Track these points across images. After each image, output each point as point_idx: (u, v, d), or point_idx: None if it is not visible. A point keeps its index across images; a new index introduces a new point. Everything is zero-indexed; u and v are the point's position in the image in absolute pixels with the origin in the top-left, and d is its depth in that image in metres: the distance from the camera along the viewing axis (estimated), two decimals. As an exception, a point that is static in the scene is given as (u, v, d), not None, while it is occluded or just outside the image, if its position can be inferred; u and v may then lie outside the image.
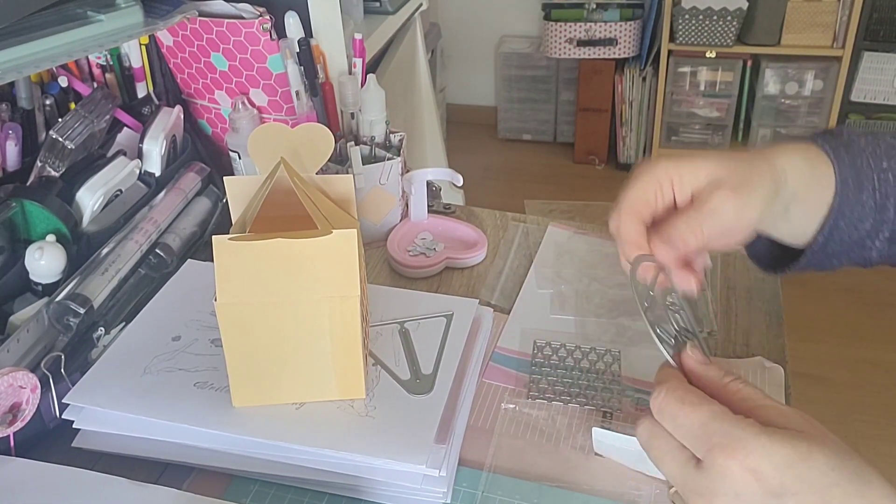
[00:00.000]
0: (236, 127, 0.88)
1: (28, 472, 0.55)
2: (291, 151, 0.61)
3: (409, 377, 0.62)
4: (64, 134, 0.72)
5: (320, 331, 0.56)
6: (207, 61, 0.90)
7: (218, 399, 0.59)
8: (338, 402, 0.59)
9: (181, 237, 0.79)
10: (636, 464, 0.57)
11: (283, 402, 0.59)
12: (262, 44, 0.86)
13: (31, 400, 0.56)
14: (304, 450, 0.56)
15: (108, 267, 0.70)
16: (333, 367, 0.58)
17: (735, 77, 2.81)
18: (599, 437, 0.57)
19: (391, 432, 0.56)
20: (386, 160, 0.83)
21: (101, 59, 0.84)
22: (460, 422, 0.60)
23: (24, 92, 0.74)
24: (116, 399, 0.59)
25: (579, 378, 0.66)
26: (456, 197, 1.75)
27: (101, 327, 0.67)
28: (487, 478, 0.57)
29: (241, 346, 0.56)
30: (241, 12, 0.86)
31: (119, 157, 0.77)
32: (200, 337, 0.65)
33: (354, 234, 0.54)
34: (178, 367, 0.62)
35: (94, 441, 0.59)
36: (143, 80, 0.88)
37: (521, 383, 0.66)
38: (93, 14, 0.74)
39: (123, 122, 0.82)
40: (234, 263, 0.53)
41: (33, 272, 0.66)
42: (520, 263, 0.83)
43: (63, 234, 0.68)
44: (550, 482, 0.57)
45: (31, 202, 0.67)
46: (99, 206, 0.73)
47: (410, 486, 0.55)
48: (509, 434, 0.61)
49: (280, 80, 0.88)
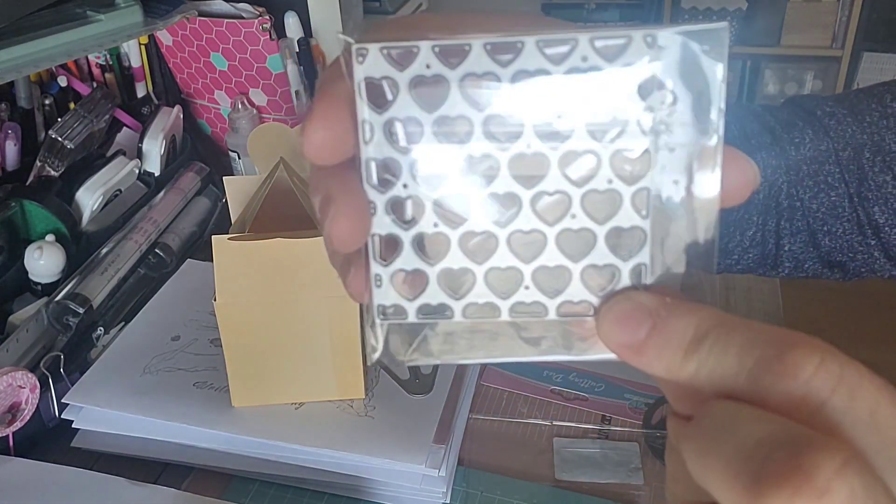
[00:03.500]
0: (236, 127, 0.88)
1: (27, 471, 0.55)
2: (291, 151, 0.61)
3: (409, 377, 0.62)
4: (63, 134, 0.72)
5: (320, 331, 0.56)
6: (207, 61, 0.90)
7: (217, 399, 0.59)
8: (337, 402, 0.59)
9: (180, 237, 0.79)
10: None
11: (282, 401, 0.59)
12: (262, 43, 0.86)
13: (30, 399, 0.56)
14: (303, 449, 0.56)
15: (107, 267, 0.70)
16: (333, 367, 0.58)
17: (734, 77, 2.81)
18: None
19: (390, 432, 0.56)
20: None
21: (101, 58, 0.84)
22: (460, 422, 0.60)
23: (23, 91, 0.74)
24: (116, 399, 0.59)
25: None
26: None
27: (100, 327, 0.67)
28: (487, 478, 0.57)
29: (240, 346, 0.56)
30: (240, 12, 0.86)
31: (118, 157, 0.77)
32: (200, 337, 0.65)
33: (354, 234, 0.54)
34: (178, 367, 0.62)
35: (94, 441, 0.59)
36: (142, 80, 0.88)
37: (521, 385, 0.66)
38: (92, 14, 0.74)
39: (123, 121, 0.82)
40: (234, 263, 0.53)
41: (33, 272, 0.66)
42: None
43: (62, 233, 0.68)
44: (550, 482, 0.57)
45: (30, 202, 0.67)
46: (98, 205, 0.73)
47: (410, 486, 0.55)
48: (509, 433, 0.61)
49: (280, 80, 0.88)
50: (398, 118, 0.22)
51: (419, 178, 0.22)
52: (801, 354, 0.19)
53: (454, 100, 0.21)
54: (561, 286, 0.23)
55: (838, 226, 0.50)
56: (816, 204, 0.50)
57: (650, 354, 0.21)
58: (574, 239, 0.23)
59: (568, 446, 0.59)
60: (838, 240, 0.50)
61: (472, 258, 0.23)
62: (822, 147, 0.49)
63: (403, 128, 0.22)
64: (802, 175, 0.50)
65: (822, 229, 0.50)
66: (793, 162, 0.49)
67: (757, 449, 0.18)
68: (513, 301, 0.23)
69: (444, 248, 0.23)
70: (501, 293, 0.23)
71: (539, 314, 0.23)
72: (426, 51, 0.21)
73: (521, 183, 0.22)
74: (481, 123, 0.22)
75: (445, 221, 0.23)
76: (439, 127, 0.22)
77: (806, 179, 0.50)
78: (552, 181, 0.22)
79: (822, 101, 0.51)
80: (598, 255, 0.23)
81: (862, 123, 0.49)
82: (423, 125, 0.22)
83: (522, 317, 0.23)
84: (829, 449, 0.17)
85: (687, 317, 0.21)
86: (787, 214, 0.50)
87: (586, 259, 0.23)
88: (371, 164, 0.22)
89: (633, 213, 0.22)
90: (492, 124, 0.22)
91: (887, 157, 0.48)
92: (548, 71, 0.21)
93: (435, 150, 0.22)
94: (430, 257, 0.23)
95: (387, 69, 0.21)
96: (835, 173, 0.49)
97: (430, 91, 0.21)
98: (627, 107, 0.21)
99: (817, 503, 0.16)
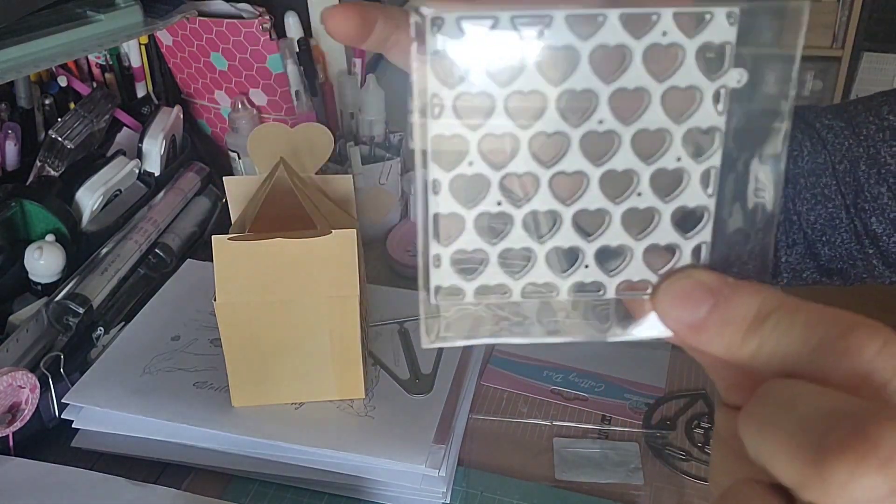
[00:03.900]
0: (236, 127, 0.88)
1: (27, 471, 0.55)
2: (291, 151, 0.61)
3: (409, 377, 0.62)
4: (63, 134, 0.72)
5: (320, 331, 0.56)
6: (207, 61, 0.90)
7: (217, 399, 0.59)
8: (337, 402, 0.59)
9: (180, 237, 0.79)
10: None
11: (282, 401, 0.59)
12: (262, 43, 0.86)
13: (30, 400, 0.56)
14: (303, 450, 0.56)
15: (107, 267, 0.70)
16: (333, 367, 0.58)
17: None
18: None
19: (390, 432, 0.56)
20: (385, 160, 0.83)
21: (101, 58, 0.84)
22: (460, 422, 0.60)
23: (23, 91, 0.74)
24: (116, 399, 0.59)
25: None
26: (455, 197, 1.74)
27: (100, 327, 0.67)
28: (487, 478, 0.57)
29: (240, 346, 0.56)
30: (240, 12, 0.86)
31: (118, 157, 0.77)
32: (200, 337, 0.65)
33: (354, 234, 0.54)
34: (178, 367, 0.62)
35: (94, 441, 0.59)
36: (142, 80, 0.88)
37: (521, 386, 0.66)
38: (92, 14, 0.74)
39: (123, 121, 0.82)
40: (234, 263, 0.53)
41: (33, 272, 0.66)
42: (519, 263, 0.83)
43: (62, 233, 0.68)
44: (550, 482, 0.57)
45: (30, 202, 0.67)
46: (98, 205, 0.73)
47: (410, 486, 0.55)
48: (509, 433, 0.61)
49: (280, 80, 0.88)
50: (469, 92, 0.21)
51: (486, 155, 0.21)
52: (866, 335, 0.19)
53: (530, 74, 0.21)
54: (622, 265, 0.23)
55: (836, 236, 0.50)
56: (814, 216, 0.50)
57: (711, 332, 0.21)
58: (639, 217, 0.22)
59: (568, 446, 0.59)
60: (837, 249, 0.51)
61: (534, 238, 0.22)
62: (820, 160, 0.50)
63: (473, 103, 0.21)
64: (800, 188, 0.50)
65: (821, 240, 0.51)
66: (790, 175, 0.50)
67: (822, 420, 0.18)
68: (572, 281, 0.23)
69: (507, 228, 0.22)
70: (562, 273, 0.23)
71: (597, 293, 0.23)
72: (505, 21, 0.20)
73: (590, 160, 0.22)
74: (555, 99, 0.21)
75: (510, 200, 0.22)
76: (511, 103, 0.21)
77: (803, 192, 0.50)
78: (622, 159, 0.22)
79: (821, 112, 0.51)
80: (662, 233, 0.23)
81: (859, 137, 0.50)
82: (494, 100, 0.21)
83: (581, 296, 0.23)
84: (894, 420, 0.17)
85: (750, 296, 0.21)
86: (783, 227, 0.51)
87: (649, 238, 0.22)
88: (439, 141, 0.21)
89: (699, 192, 0.22)
90: (564, 100, 0.21)
91: (882, 169, 0.49)
92: (628, 46, 0.21)
93: (505, 126, 0.21)
94: (491, 237, 0.22)
95: (462, 40, 0.20)
96: (831, 185, 0.50)
97: (505, 65, 0.21)
98: (703, 83, 0.21)
99: (881, 471, 0.16)
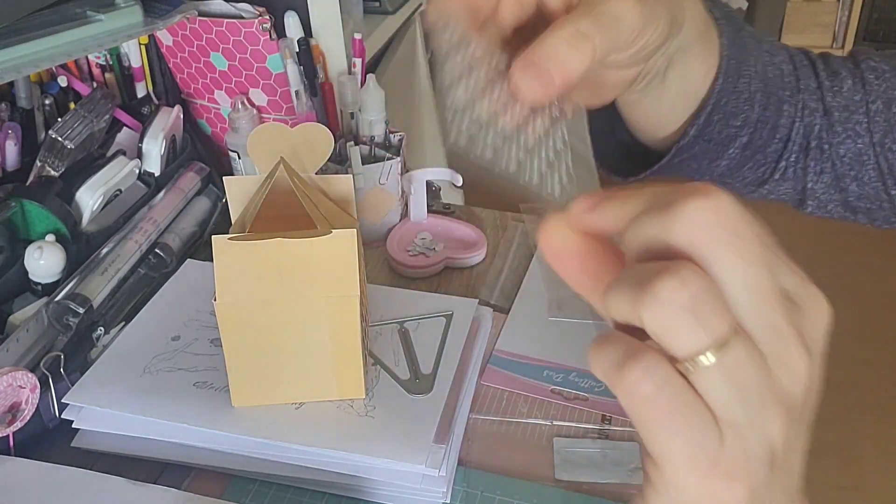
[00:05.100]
0: (236, 127, 0.88)
1: (27, 471, 0.55)
2: (291, 151, 0.61)
3: (409, 377, 0.62)
4: (63, 134, 0.72)
5: (320, 331, 0.56)
6: (207, 61, 0.90)
7: (217, 399, 0.59)
8: (337, 402, 0.59)
9: (181, 237, 0.79)
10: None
11: (282, 401, 0.59)
12: (262, 43, 0.86)
13: (30, 400, 0.56)
14: (303, 449, 0.56)
15: (107, 267, 0.70)
16: (333, 367, 0.58)
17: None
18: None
19: (391, 432, 0.56)
20: (386, 160, 0.83)
21: (101, 58, 0.84)
22: (460, 421, 0.60)
23: (23, 91, 0.74)
24: (116, 399, 0.59)
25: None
26: (456, 197, 1.74)
27: (100, 327, 0.67)
28: (487, 478, 0.57)
29: (240, 346, 0.56)
30: (240, 12, 0.86)
31: (118, 157, 0.77)
32: (200, 337, 0.65)
33: (354, 234, 0.54)
34: (178, 367, 0.62)
35: (94, 441, 0.59)
36: (142, 80, 0.88)
37: (521, 385, 0.66)
38: (92, 14, 0.74)
39: (123, 121, 0.82)
40: (234, 263, 0.53)
41: (33, 272, 0.66)
42: (519, 263, 0.83)
43: (62, 233, 0.68)
44: (550, 482, 0.57)
45: (30, 202, 0.67)
46: (98, 205, 0.73)
47: (410, 486, 0.55)
48: (509, 433, 0.61)
49: (280, 80, 0.88)
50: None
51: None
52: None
53: None
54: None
55: (864, 173, 0.53)
56: (843, 149, 0.52)
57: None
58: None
59: (568, 446, 0.59)
60: (864, 187, 0.53)
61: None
62: (857, 97, 0.52)
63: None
64: (833, 121, 0.52)
65: (849, 174, 0.53)
66: (828, 107, 0.52)
67: (645, 273, 0.25)
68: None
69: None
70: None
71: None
72: None
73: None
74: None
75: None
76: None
77: (836, 125, 0.52)
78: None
79: (872, 55, 0.53)
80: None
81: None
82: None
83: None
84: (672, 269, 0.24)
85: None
86: (814, 154, 0.53)
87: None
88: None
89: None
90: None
91: None
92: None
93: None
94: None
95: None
96: (863, 122, 0.52)
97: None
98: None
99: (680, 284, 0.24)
